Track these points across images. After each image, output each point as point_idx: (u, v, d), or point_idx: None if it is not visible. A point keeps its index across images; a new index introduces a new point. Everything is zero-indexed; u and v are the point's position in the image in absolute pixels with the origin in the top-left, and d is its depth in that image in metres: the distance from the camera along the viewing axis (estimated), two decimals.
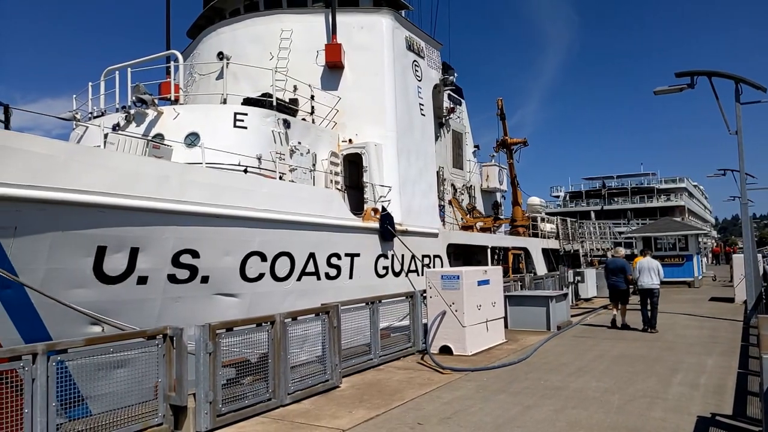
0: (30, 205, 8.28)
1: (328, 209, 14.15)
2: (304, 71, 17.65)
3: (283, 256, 12.64)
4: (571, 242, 33.18)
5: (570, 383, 8.88)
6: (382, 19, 18.42)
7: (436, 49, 21.60)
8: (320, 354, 8.97)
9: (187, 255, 10.62)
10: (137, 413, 6.30)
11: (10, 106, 9.28)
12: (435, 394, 8.45)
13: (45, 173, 8.51)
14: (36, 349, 5.36)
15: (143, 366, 6.56)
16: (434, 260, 18.49)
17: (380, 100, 17.77)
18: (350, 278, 14.70)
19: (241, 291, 11.78)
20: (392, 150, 17.59)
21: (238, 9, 19.86)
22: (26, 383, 5.30)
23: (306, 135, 15.91)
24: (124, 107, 14.49)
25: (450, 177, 24.29)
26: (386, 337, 11.19)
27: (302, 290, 13.09)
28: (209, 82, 18.21)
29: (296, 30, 18.34)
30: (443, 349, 11.34)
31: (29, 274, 8.33)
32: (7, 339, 8.33)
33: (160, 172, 10.36)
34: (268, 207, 12.14)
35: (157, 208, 9.98)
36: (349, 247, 14.67)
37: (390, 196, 16.99)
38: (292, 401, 7.94)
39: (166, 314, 10.35)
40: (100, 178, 9.23)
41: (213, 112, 14.55)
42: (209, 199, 10.93)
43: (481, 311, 11.81)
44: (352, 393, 8.55)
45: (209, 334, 6.69)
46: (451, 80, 22.43)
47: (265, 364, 7.64)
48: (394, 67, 18.15)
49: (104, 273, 9.46)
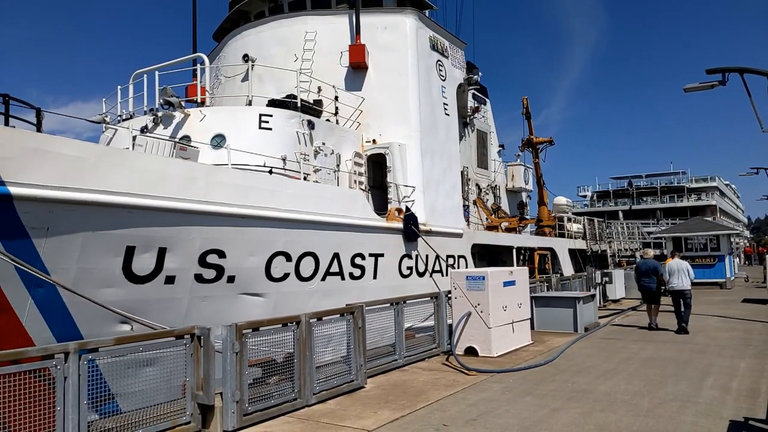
0: (61, 206, 8.44)
1: (352, 209, 14.18)
2: (329, 72, 17.71)
3: (307, 256, 12.69)
4: (599, 242, 32.70)
5: (598, 386, 8.74)
6: (405, 19, 18.39)
7: (460, 48, 21.50)
8: (345, 354, 8.98)
9: (213, 255, 10.73)
10: (165, 411, 6.38)
11: (42, 109, 9.50)
12: (460, 395, 8.40)
13: (76, 175, 8.67)
14: (68, 348, 5.46)
15: (171, 365, 6.65)
16: (458, 260, 18.38)
17: (404, 101, 17.75)
18: (374, 278, 14.70)
19: (266, 291, 11.86)
20: (416, 150, 17.54)
21: (263, 11, 20.03)
22: (58, 381, 5.41)
23: (330, 136, 15.96)
24: (152, 110, 14.72)
25: (474, 177, 24.14)
26: (411, 338, 11.16)
27: (326, 290, 13.14)
28: (235, 84, 18.40)
29: (320, 31, 18.41)
30: (468, 350, 11.26)
31: (61, 274, 8.49)
32: (39, 337, 8.51)
33: (187, 173, 10.49)
34: (292, 207, 12.21)
35: (184, 208, 10.10)
36: (373, 247, 14.67)
37: (414, 196, 16.95)
38: (318, 401, 7.97)
39: (192, 313, 10.47)
40: (128, 179, 9.38)
41: (238, 113, 14.69)
42: (235, 199, 11.03)
43: (506, 312, 11.70)
44: (377, 393, 8.55)
45: (236, 334, 6.74)
46: (475, 79, 22.28)
47: (290, 364, 7.67)
48: (417, 67, 18.10)
49: (133, 272, 9.61)
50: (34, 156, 8.22)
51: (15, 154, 8.01)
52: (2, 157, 7.85)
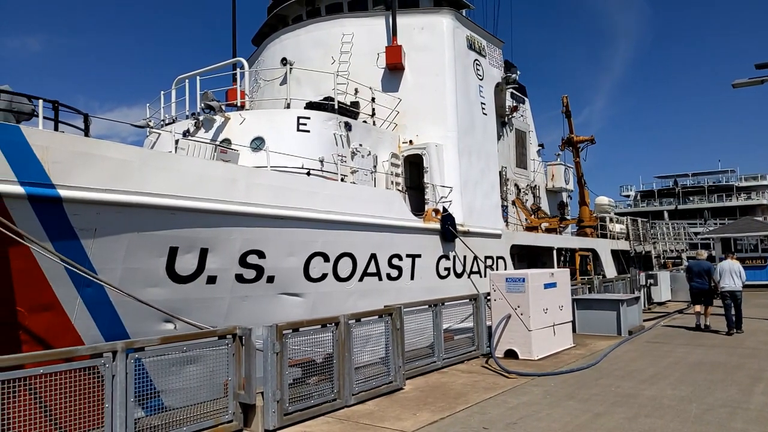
0: (108, 208, 8.70)
1: (389, 210, 14.18)
2: (365, 74, 17.78)
3: (345, 257, 12.75)
4: (643, 243, 31.84)
5: (643, 390, 8.50)
6: (442, 19, 18.31)
7: (498, 47, 21.28)
8: (383, 355, 8.97)
9: (253, 255, 10.89)
10: (208, 410, 6.50)
11: (89, 115, 9.81)
12: (500, 398, 8.29)
13: (121, 177, 8.92)
14: (116, 347, 5.62)
15: (213, 364, 6.77)
16: (497, 262, 18.18)
17: (441, 101, 17.67)
18: (411, 279, 14.66)
19: (305, 291, 11.97)
20: (453, 150, 17.43)
21: (300, 15, 20.24)
22: (107, 379, 5.57)
23: (367, 137, 16.01)
24: (193, 114, 15.04)
25: (513, 177, 23.85)
26: (449, 340, 11.09)
27: (364, 291, 13.17)
28: (273, 87, 18.65)
29: (357, 33, 18.50)
30: (508, 353, 11.12)
31: (108, 273, 8.74)
32: (88, 335, 8.79)
33: (227, 175, 10.67)
34: (330, 208, 12.29)
35: (225, 210, 10.28)
36: (411, 247, 14.64)
37: (451, 197, 16.84)
38: (357, 402, 7.98)
39: (233, 313, 10.65)
40: (171, 181, 9.60)
41: (277, 116, 14.88)
42: (274, 201, 11.17)
43: (547, 315, 11.50)
44: (416, 395, 8.51)
45: (276, 334, 6.81)
46: (513, 78, 22.00)
47: (329, 365, 7.71)
48: (455, 67, 17.99)
49: (176, 272, 9.82)
50: (82, 160, 8.48)
51: (64, 158, 8.28)
52: (53, 161, 8.14)
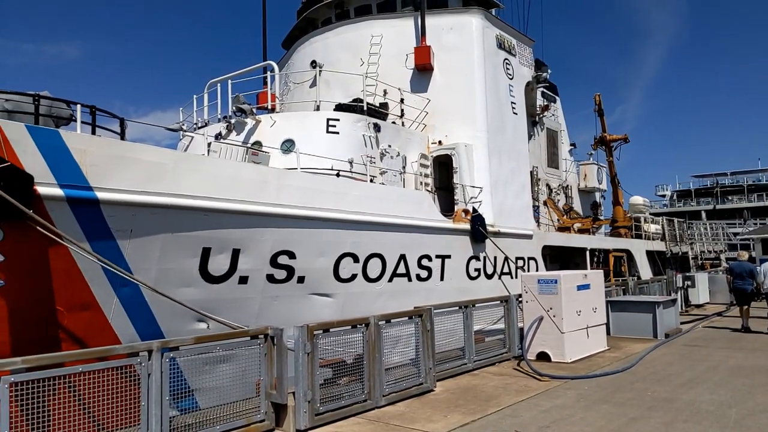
0: (143, 209, 8.88)
1: (418, 211, 14.15)
2: (394, 75, 17.79)
3: (374, 258, 12.77)
4: (679, 244, 31.06)
5: (680, 395, 8.28)
6: (471, 19, 18.21)
7: (528, 45, 21.06)
8: (413, 357, 8.94)
9: (284, 256, 10.98)
10: (241, 409, 6.57)
11: (125, 119, 10.04)
12: (533, 401, 8.18)
13: (156, 179, 9.10)
14: (151, 346, 5.73)
15: (245, 363, 6.84)
16: (528, 262, 17.96)
17: (470, 101, 17.56)
18: (441, 280, 14.60)
19: (334, 291, 12.02)
20: (483, 150, 17.30)
21: (329, 18, 20.36)
22: (143, 378, 5.68)
23: (396, 138, 16.01)
24: (225, 117, 15.26)
25: (545, 177, 23.56)
26: (480, 342, 10.99)
27: (393, 291, 13.16)
28: (303, 90, 18.80)
29: (386, 35, 18.53)
30: (540, 355, 10.97)
31: (143, 274, 8.92)
32: (124, 334, 8.98)
33: (258, 177, 10.79)
34: (359, 209, 12.33)
35: (256, 211, 10.39)
36: (440, 248, 14.58)
37: (481, 197, 16.71)
38: (387, 403, 7.97)
39: (264, 313, 10.75)
40: (204, 183, 9.75)
41: (307, 119, 14.99)
42: (304, 202, 11.25)
43: (581, 317, 11.31)
44: (446, 397, 8.46)
45: (307, 335, 6.85)
46: (544, 77, 21.75)
47: (360, 366, 7.72)
48: (484, 67, 17.87)
49: (209, 273, 9.97)
50: (118, 162, 8.68)
51: (101, 161, 8.49)
52: (90, 164, 8.34)
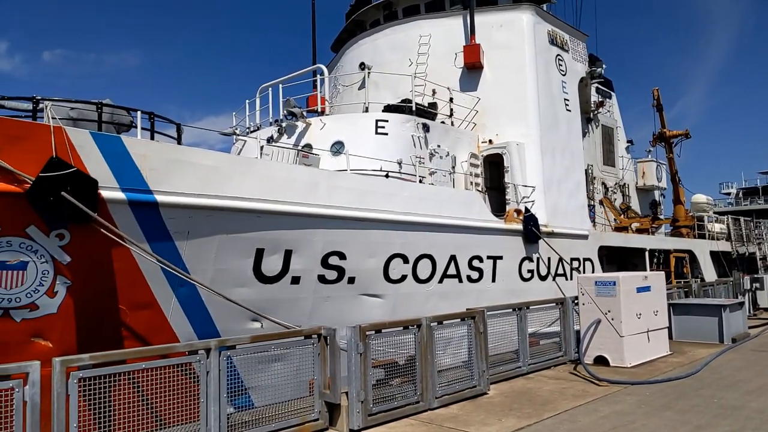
0: (200, 211, 9.12)
1: (468, 211, 13.99)
2: (443, 74, 17.67)
3: (424, 258, 12.70)
4: (746, 244, 29.58)
5: (749, 402, 7.86)
6: (522, 16, 17.91)
7: (582, 40, 20.54)
8: (465, 359, 8.83)
9: (334, 256, 11.06)
10: (295, 408, 6.64)
11: (181, 124, 10.35)
12: (591, 406, 7.93)
13: (211, 183, 9.33)
14: (209, 344, 5.86)
15: (298, 362, 6.91)
16: (584, 264, 17.50)
17: (522, 98, 17.27)
18: (493, 281, 14.39)
19: (385, 292, 12.02)
20: (535, 149, 16.97)
21: (378, 19, 20.42)
22: (201, 375, 5.82)
23: (445, 138, 15.89)
24: (276, 121, 15.53)
25: (600, 175, 22.91)
26: (535, 345, 10.76)
27: (444, 292, 13.06)
28: (352, 92, 18.91)
29: (434, 34, 18.44)
30: (598, 359, 10.64)
31: (200, 274, 9.16)
32: (182, 333, 9.24)
33: (309, 179, 10.92)
34: (408, 210, 12.29)
35: (307, 212, 10.52)
36: (492, 249, 14.37)
37: (534, 197, 16.40)
38: (440, 405, 7.89)
39: (316, 313, 10.85)
40: (257, 186, 9.94)
41: (356, 120, 15.07)
42: (354, 203, 11.30)
43: (641, 320, 10.91)
44: (500, 400, 8.31)
45: (360, 335, 6.86)
46: (598, 72, 21.16)
47: (412, 367, 7.68)
48: (536, 63, 17.54)
49: (262, 273, 10.15)
50: (176, 166, 8.95)
51: (160, 165, 8.77)
52: (150, 168, 8.63)
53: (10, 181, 7.41)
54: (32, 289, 7.85)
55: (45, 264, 7.88)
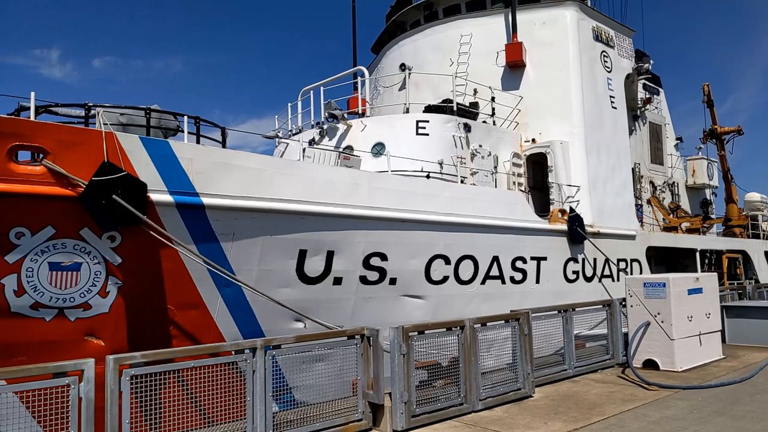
0: (244, 213, 9.28)
1: (511, 212, 13.81)
2: (485, 74, 17.52)
3: (466, 259, 12.60)
4: None
5: None
6: (565, 12, 17.59)
7: (628, 36, 20.03)
8: (510, 361, 8.72)
9: (376, 258, 11.09)
10: (339, 408, 6.68)
11: (226, 128, 10.57)
12: (640, 411, 7.71)
13: (255, 185, 9.49)
14: (255, 344, 5.96)
15: (341, 362, 6.96)
16: (631, 265, 17.05)
17: (566, 96, 16.95)
18: (537, 283, 14.17)
19: (426, 293, 11.98)
20: (580, 147, 16.62)
21: (418, 20, 20.39)
22: (248, 374, 5.92)
23: (487, 137, 15.73)
24: (318, 123, 15.69)
25: (648, 173, 22.27)
26: (581, 347, 10.54)
27: (487, 294, 12.92)
28: (392, 93, 18.93)
29: (475, 33, 18.30)
30: (647, 363, 10.35)
31: (245, 275, 9.32)
32: (228, 333, 9.42)
33: (351, 180, 10.97)
34: (450, 211, 12.21)
35: (349, 213, 10.57)
36: (535, 250, 14.15)
37: (579, 196, 16.06)
38: (484, 407, 7.81)
39: (358, 313, 10.90)
40: (300, 188, 10.05)
41: (397, 122, 15.06)
42: (395, 204, 11.30)
43: (692, 323, 10.55)
44: (546, 404, 8.16)
45: (402, 336, 6.85)
46: (645, 68, 20.57)
47: (455, 369, 7.63)
48: (580, 61, 17.19)
49: (305, 274, 10.25)
50: (221, 169, 9.13)
51: (206, 168, 8.97)
52: (196, 172, 8.84)
53: (65, 185, 7.71)
54: (85, 289, 8.13)
55: (97, 265, 8.16)
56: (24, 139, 7.51)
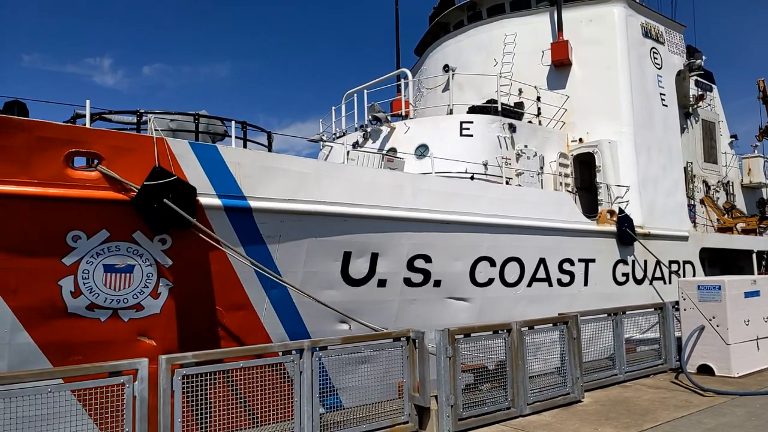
0: (290, 216, 9.41)
1: (558, 213, 13.56)
2: (530, 73, 17.28)
3: (512, 261, 12.43)
4: None
5: None
6: (613, 9, 17.17)
7: (679, 31, 19.39)
8: (557, 365, 8.56)
9: (420, 260, 11.05)
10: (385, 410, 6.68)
11: (271, 132, 10.74)
12: (695, 418, 7.43)
13: (301, 188, 9.61)
14: (303, 345, 6.03)
15: (386, 364, 6.96)
16: (684, 267, 16.50)
17: (614, 95, 16.55)
18: (585, 285, 13.87)
19: (471, 295, 11.87)
20: (629, 146, 16.19)
21: (462, 21, 20.27)
22: (295, 375, 5.98)
23: (532, 137, 15.50)
24: (362, 126, 15.77)
25: (701, 173, 21.48)
26: (631, 352, 10.24)
27: (533, 296, 12.72)
28: (436, 94, 18.87)
29: (520, 33, 18.08)
30: (702, 368, 9.97)
31: (291, 276, 9.45)
32: (274, 333, 9.56)
33: (394, 182, 10.98)
34: (495, 212, 12.07)
35: (393, 216, 10.58)
36: (583, 252, 13.85)
37: (628, 197, 15.64)
38: (532, 412, 7.69)
39: (402, 315, 10.88)
40: (344, 190, 10.12)
41: (440, 123, 15.00)
42: (439, 206, 11.25)
43: (749, 327, 10.12)
44: (596, 409, 7.96)
45: (449, 339, 6.80)
46: (698, 64, 19.85)
47: (502, 372, 7.53)
48: (628, 58, 16.75)
49: (350, 276, 10.31)
50: (267, 173, 9.29)
51: (253, 172, 9.14)
52: (243, 176, 9.01)
53: (119, 189, 7.98)
54: (138, 291, 8.39)
55: (149, 267, 8.41)
56: (80, 145, 7.81)
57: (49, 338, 7.94)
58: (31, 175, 7.49)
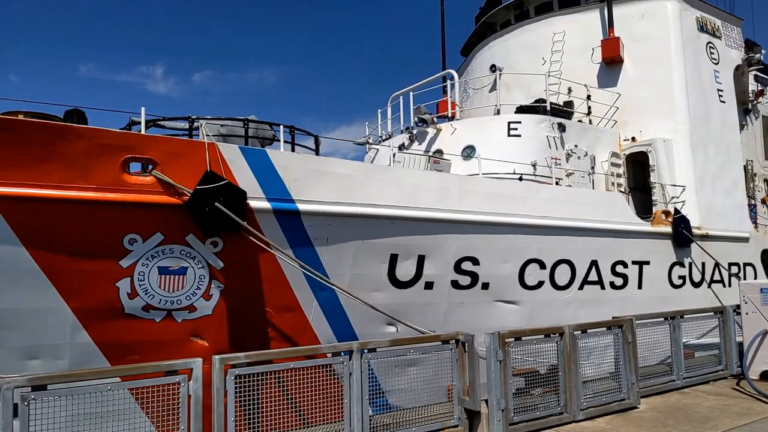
0: (337, 219, 9.48)
1: (610, 214, 13.18)
2: (579, 71, 16.89)
3: (562, 264, 12.16)
4: None
5: None
6: (666, 3, 16.62)
7: (736, 25, 18.61)
8: (611, 370, 8.31)
9: (467, 262, 10.94)
10: (434, 413, 6.62)
11: (318, 136, 10.85)
12: (758, 426, 7.11)
13: (348, 190, 9.66)
14: (352, 347, 6.05)
15: (435, 367, 6.90)
16: (744, 269, 15.79)
17: (668, 91, 16.00)
18: (639, 288, 13.45)
19: (520, 298, 11.67)
20: (685, 144, 15.62)
21: (508, 20, 20.01)
22: (345, 377, 6.01)
23: (583, 137, 15.14)
24: (407, 128, 15.75)
25: (762, 171, 20.49)
26: (689, 357, 9.85)
27: (584, 300, 12.39)
28: (483, 95, 18.67)
29: (568, 30, 17.71)
30: (765, 374, 9.51)
31: (338, 279, 9.50)
32: (323, 335, 9.63)
33: (441, 184, 10.91)
34: (544, 213, 11.84)
35: (440, 218, 10.51)
36: (637, 254, 13.42)
37: (684, 197, 15.09)
38: (585, 418, 7.49)
39: (449, 318, 10.79)
40: (390, 193, 10.12)
41: (487, 124, 14.83)
42: (487, 207, 11.10)
43: None
44: (652, 416, 7.68)
45: (499, 342, 6.70)
46: (757, 58, 18.99)
47: (554, 377, 7.36)
48: (683, 53, 16.18)
49: (396, 278, 10.29)
50: (315, 176, 9.38)
51: (301, 175, 9.25)
52: (292, 179, 9.13)
53: (172, 194, 8.21)
54: (191, 292, 8.61)
55: (202, 269, 8.61)
56: (135, 151, 8.08)
57: (108, 338, 8.22)
58: (90, 180, 7.79)
